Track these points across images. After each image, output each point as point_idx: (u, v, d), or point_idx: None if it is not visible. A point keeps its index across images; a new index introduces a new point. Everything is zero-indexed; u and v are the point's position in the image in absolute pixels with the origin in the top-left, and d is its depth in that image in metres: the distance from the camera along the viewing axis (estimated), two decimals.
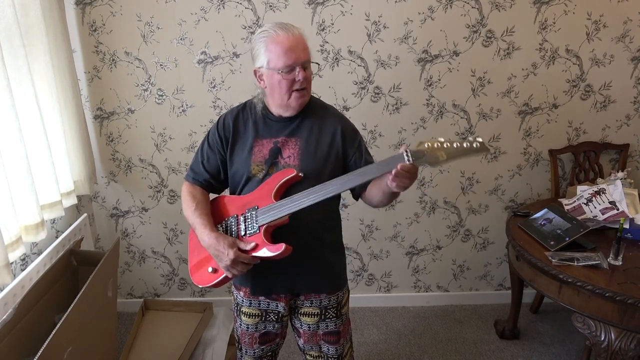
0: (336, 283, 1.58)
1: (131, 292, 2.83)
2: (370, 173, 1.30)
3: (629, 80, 2.46)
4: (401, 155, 1.24)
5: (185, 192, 1.54)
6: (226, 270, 1.39)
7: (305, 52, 1.38)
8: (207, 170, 1.53)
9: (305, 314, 1.57)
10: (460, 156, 1.23)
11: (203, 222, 1.44)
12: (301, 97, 1.40)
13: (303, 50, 1.37)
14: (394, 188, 1.27)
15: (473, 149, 1.22)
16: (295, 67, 1.35)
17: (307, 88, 1.41)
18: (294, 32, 1.36)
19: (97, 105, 2.44)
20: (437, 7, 2.29)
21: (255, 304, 1.58)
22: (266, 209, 1.39)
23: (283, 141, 1.44)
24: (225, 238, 1.38)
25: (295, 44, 1.35)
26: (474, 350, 2.48)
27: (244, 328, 1.62)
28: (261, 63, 1.38)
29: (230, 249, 1.35)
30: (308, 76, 1.39)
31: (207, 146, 1.53)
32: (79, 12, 2.27)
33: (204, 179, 1.54)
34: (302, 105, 1.43)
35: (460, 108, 2.48)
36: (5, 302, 1.63)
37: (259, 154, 1.45)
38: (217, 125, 1.52)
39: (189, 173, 1.57)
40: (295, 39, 1.35)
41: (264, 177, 1.43)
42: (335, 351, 1.62)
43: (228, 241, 1.37)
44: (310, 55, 1.40)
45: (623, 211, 2.07)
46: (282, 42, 1.34)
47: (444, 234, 2.73)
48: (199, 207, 1.48)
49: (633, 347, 1.72)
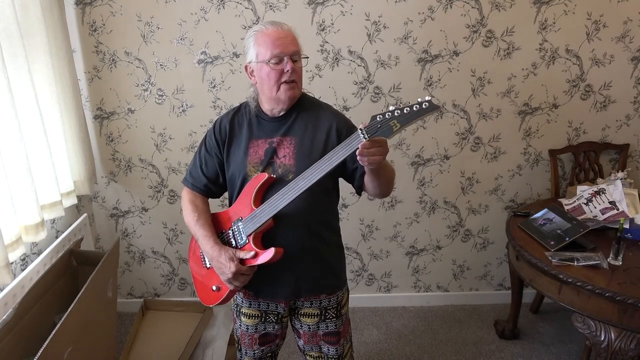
0: (336, 283, 1.58)
1: (131, 292, 2.83)
2: (335, 158, 1.28)
3: (629, 80, 2.46)
4: (357, 134, 1.24)
5: (186, 200, 1.55)
6: (229, 284, 1.41)
7: (294, 44, 1.38)
8: (205, 175, 1.53)
9: (305, 314, 1.57)
10: (413, 120, 1.19)
11: (206, 234, 1.46)
12: (290, 90, 1.39)
13: (292, 41, 1.37)
14: (367, 166, 1.27)
15: (423, 109, 1.18)
16: (283, 57, 1.35)
17: (296, 81, 1.40)
18: (282, 26, 1.38)
19: (97, 105, 2.44)
20: (437, 7, 2.29)
21: (255, 305, 1.57)
22: (249, 218, 1.40)
23: (278, 141, 1.44)
24: (227, 251, 1.40)
25: (284, 35, 1.36)
26: (474, 350, 2.48)
27: (243, 329, 1.61)
28: (251, 57, 1.40)
29: (231, 262, 1.38)
30: (297, 69, 1.39)
31: (205, 150, 1.53)
32: (79, 12, 2.27)
33: (203, 184, 1.54)
34: (291, 98, 1.41)
35: (460, 108, 2.48)
36: (5, 302, 1.63)
37: (255, 155, 1.44)
38: (214, 128, 1.52)
39: (187, 178, 1.57)
40: (284, 32, 1.37)
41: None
42: (335, 351, 1.61)
43: (229, 254, 1.39)
44: (299, 48, 1.40)
45: (623, 211, 2.07)
46: (271, 34, 1.36)
47: (444, 234, 2.73)
48: (202, 217, 1.50)
49: (633, 347, 1.72)
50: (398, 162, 2.55)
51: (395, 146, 2.52)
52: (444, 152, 2.56)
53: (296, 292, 1.52)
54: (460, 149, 2.55)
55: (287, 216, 1.40)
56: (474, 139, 2.54)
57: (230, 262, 1.37)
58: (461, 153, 2.56)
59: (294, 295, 1.52)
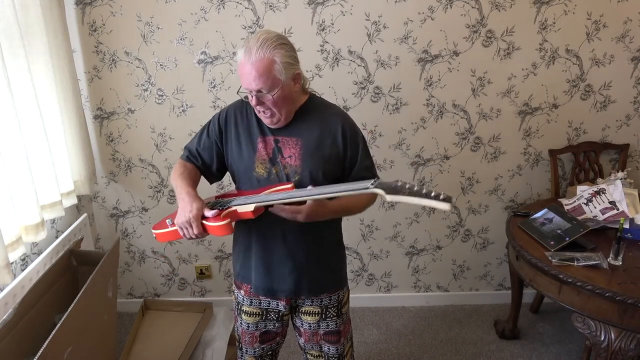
0: (336, 282, 1.58)
1: (131, 292, 2.83)
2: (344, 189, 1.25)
3: (629, 80, 2.46)
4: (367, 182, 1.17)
5: (176, 164, 1.56)
6: (179, 226, 1.37)
7: (260, 80, 1.29)
8: (201, 157, 1.54)
9: (306, 312, 1.57)
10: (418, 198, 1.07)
11: (186, 183, 1.44)
12: (267, 118, 1.39)
13: (255, 78, 1.29)
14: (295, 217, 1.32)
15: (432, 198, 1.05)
16: (251, 92, 1.34)
17: (270, 111, 1.37)
18: (251, 57, 1.28)
19: (97, 105, 2.44)
20: (437, 7, 2.29)
21: (256, 303, 1.58)
22: (241, 199, 1.39)
23: (283, 140, 1.44)
24: (199, 200, 1.38)
25: (248, 71, 1.29)
26: (474, 350, 2.48)
27: (244, 327, 1.62)
28: None
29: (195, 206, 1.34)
30: (266, 101, 1.34)
31: (206, 135, 1.53)
32: (79, 12, 2.27)
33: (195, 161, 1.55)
34: (272, 124, 1.42)
35: (460, 108, 2.48)
36: (5, 302, 1.63)
37: (262, 151, 1.44)
38: (219, 116, 1.52)
39: (184, 152, 1.58)
40: (249, 66, 1.29)
41: (268, 176, 1.43)
42: (336, 350, 1.62)
43: (198, 203, 1.36)
44: (266, 85, 1.30)
45: (623, 211, 2.07)
46: (239, 66, 1.33)
47: (444, 234, 2.73)
48: (185, 173, 1.49)
49: (633, 347, 1.73)
50: (398, 162, 2.55)
51: (396, 146, 2.52)
52: (444, 152, 2.56)
53: (297, 292, 1.52)
54: (460, 149, 2.55)
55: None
56: (474, 139, 2.54)
57: (194, 206, 1.34)
58: (461, 153, 2.56)
59: (295, 294, 1.53)
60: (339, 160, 1.46)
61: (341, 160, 1.46)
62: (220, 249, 2.72)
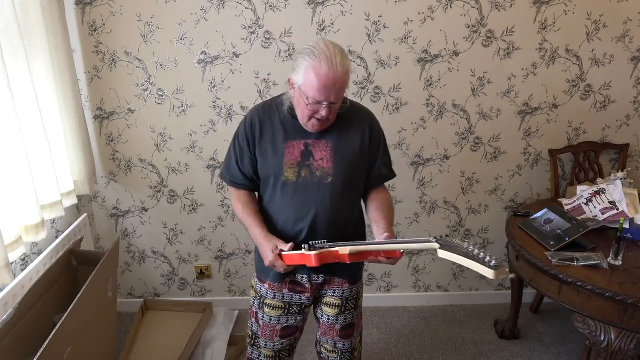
0: (357, 274, 1.64)
1: (131, 292, 2.83)
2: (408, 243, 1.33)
3: (629, 80, 2.46)
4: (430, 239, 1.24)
5: (233, 199, 1.61)
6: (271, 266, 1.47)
7: (340, 92, 1.34)
8: (242, 172, 1.55)
9: (327, 304, 1.62)
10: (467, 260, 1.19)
11: (253, 223, 1.52)
12: (318, 126, 1.41)
13: (338, 89, 1.33)
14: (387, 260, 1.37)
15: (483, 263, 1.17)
16: (323, 103, 1.34)
17: (329, 119, 1.40)
18: (337, 69, 1.30)
19: (97, 105, 2.44)
20: (437, 7, 2.29)
21: (280, 297, 1.61)
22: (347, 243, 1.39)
23: (313, 143, 1.46)
24: (270, 241, 1.45)
25: (332, 83, 1.30)
26: (474, 350, 2.48)
27: (266, 320, 1.64)
28: (297, 79, 1.36)
29: (270, 252, 1.44)
30: (333, 112, 1.39)
31: (239, 146, 1.53)
32: (79, 12, 2.27)
33: (240, 180, 1.56)
34: (318, 131, 1.44)
35: (460, 108, 2.48)
36: (5, 302, 1.63)
37: (291, 156, 1.45)
38: (245, 125, 1.52)
39: (225, 173, 1.59)
40: (335, 78, 1.30)
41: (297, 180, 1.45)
42: (350, 345, 1.69)
43: (272, 244, 1.44)
44: (343, 94, 1.37)
45: (623, 211, 2.07)
46: (320, 77, 1.30)
47: (444, 234, 2.73)
48: (247, 207, 1.55)
49: (633, 347, 1.73)
50: (398, 162, 2.55)
51: (396, 146, 2.52)
52: (444, 152, 2.56)
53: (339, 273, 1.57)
54: (460, 149, 2.55)
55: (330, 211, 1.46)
56: (474, 139, 2.54)
57: (270, 253, 1.43)
58: (461, 153, 2.56)
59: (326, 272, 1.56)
60: (365, 157, 1.50)
61: (366, 157, 1.51)
62: (220, 249, 2.72)
